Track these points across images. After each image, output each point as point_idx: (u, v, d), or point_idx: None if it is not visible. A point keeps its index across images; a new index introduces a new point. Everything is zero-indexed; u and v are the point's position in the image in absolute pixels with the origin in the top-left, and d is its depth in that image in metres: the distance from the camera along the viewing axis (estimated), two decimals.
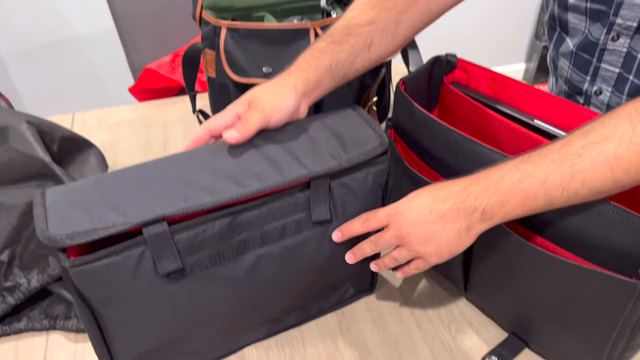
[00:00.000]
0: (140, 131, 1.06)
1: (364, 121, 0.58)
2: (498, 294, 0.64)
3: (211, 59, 0.89)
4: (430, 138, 0.63)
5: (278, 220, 0.53)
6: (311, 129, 0.57)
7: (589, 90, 0.76)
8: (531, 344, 0.64)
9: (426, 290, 0.73)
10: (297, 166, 0.52)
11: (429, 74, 0.72)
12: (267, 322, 0.63)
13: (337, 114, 0.59)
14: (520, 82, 0.67)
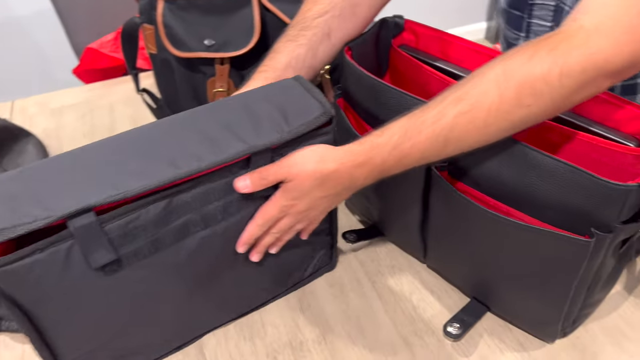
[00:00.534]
0: (85, 115, 1.01)
1: (307, 91, 0.55)
2: (456, 259, 0.62)
3: (150, 34, 0.84)
4: (380, 104, 0.60)
5: (219, 200, 0.50)
6: (251, 102, 0.53)
7: None
8: (492, 308, 0.63)
9: (387, 260, 0.71)
10: (236, 142, 0.49)
11: (376, 38, 0.69)
12: (223, 308, 0.61)
13: (279, 85, 0.56)
14: (470, 41, 0.64)
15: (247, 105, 0.53)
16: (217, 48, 0.79)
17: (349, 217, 0.78)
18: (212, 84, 0.83)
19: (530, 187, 0.50)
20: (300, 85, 0.56)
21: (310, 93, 0.55)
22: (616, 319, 0.63)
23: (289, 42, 0.65)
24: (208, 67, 0.82)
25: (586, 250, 0.48)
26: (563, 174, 0.47)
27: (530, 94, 0.46)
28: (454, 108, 0.48)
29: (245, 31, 0.80)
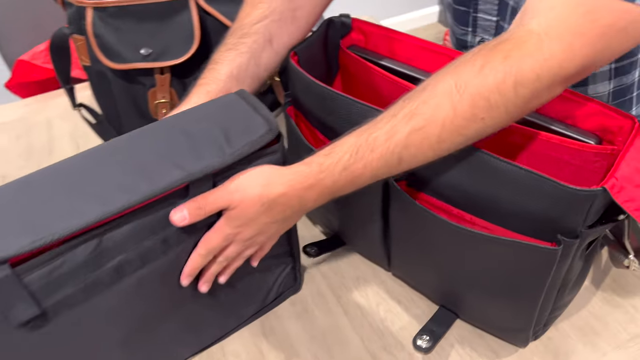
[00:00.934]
0: (21, 134, 0.94)
1: (251, 106, 0.51)
2: (421, 269, 0.60)
3: (82, 46, 0.77)
4: (331, 113, 0.57)
5: (157, 234, 0.46)
6: (189, 123, 0.49)
7: (473, 42, 0.73)
8: (462, 315, 0.61)
9: (351, 271, 0.68)
10: (172, 169, 0.45)
11: (324, 40, 0.65)
12: (175, 348, 0.56)
13: (220, 102, 0.52)
14: (419, 39, 0.61)
15: (185, 126, 0.48)
16: (155, 57, 0.74)
17: (311, 228, 0.74)
18: (154, 95, 0.78)
19: (492, 195, 0.47)
20: (243, 100, 0.51)
21: (254, 109, 0.50)
22: (586, 316, 0.61)
23: (229, 51, 0.60)
24: (147, 78, 0.76)
25: (554, 257, 0.46)
26: (524, 180, 0.45)
27: (484, 106, 0.43)
28: (407, 124, 0.45)
29: (184, 37, 0.75)
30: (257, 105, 0.51)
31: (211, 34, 0.77)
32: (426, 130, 0.45)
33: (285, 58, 0.63)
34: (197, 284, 0.53)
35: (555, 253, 0.46)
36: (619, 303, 0.62)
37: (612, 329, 0.60)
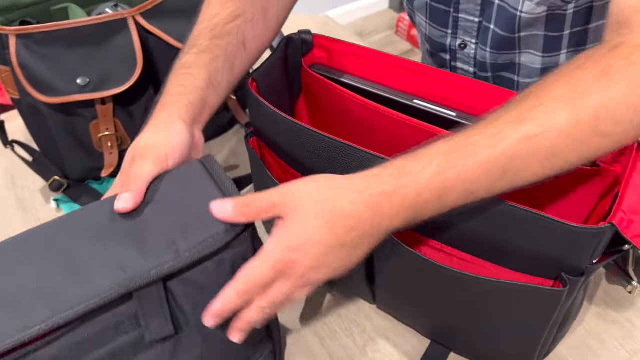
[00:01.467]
0: None
1: (215, 182, 0.43)
2: (410, 309, 0.55)
3: (8, 77, 0.68)
4: (302, 148, 0.51)
5: (100, 349, 0.38)
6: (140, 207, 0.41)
7: (453, 45, 0.67)
8: (456, 350, 0.57)
9: (332, 309, 0.63)
10: (114, 270, 0.37)
11: (284, 60, 0.59)
12: None
13: (182, 176, 0.44)
14: (387, 54, 0.56)
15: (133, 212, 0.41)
16: (94, 87, 0.66)
17: None
18: (96, 128, 0.70)
19: (490, 236, 0.43)
20: (208, 175, 0.43)
21: (219, 185, 0.42)
22: (581, 334, 0.58)
23: (202, 54, 0.52)
24: (87, 109, 0.68)
25: (560, 298, 0.42)
26: (526, 221, 0.40)
27: (609, 119, 0.36)
28: (517, 130, 0.37)
29: (125, 62, 0.67)
30: (224, 182, 0.43)
31: (155, 55, 0.70)
32: (538, 140, 0.36)
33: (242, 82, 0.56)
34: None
35: (562, 294, 0.42)
36: (613, 318, 0.60)
37: (609, 347, 0.57)
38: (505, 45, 0.63)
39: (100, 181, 0.77)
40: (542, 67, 0.64)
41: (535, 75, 0.65)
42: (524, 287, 0.42)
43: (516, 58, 0.63)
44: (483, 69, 0.67)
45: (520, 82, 0.66)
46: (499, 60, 0.64)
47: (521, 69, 0.65)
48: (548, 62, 0.63)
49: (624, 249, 0.42)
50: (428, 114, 0.53)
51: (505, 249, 0.43)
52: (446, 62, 0.70)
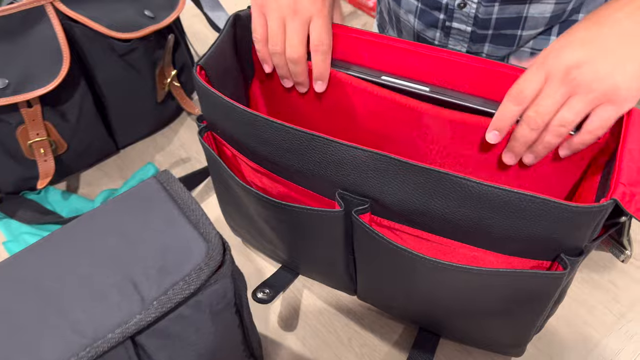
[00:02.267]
0: None
1: (175, 204, 0.37)
2: (394, 301, 0.51)
3: None
4: (262, 141, 0.45)
5: None
6: (92, 241, 0.35)
7: (451, 4, 0.62)
8: (445, 335, 0.54)
9: (311, 305, 0.59)
10: (67, 335, 0.31)
11: (233, 41, 0.52)
12: None
13: (135, 198, 0.37)
14: (349, 27, 0.51)
15: (83, 253, 0.34)
16: (15, 89, 0.57)
17: (251, 260, 0.63)
18: (24, 134, 0.62)
19: (479, 223, 0.39)
20: (165, 193, 0.37)
21: (181, 208, 0.36)
22: (569, 303, 0.57)
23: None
24: (12, 115, 0.60)
25: (560, 280, 0.39)
26: (518, 205, 0.36)
27: None
28: None
29: (49, 57, 0.59)
30: (186, 202, 0.36)
31: (84, 46, 0.62)
32: None
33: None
34: None
35: (563, 276, 0.39)
36: (597, 282, 0.59)
37: (597, 313, 0.56)
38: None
39: (38, 191, 0.69)
40: (551, 15, 0.60)
41: (542, 26, 0.61)
42: (523, 273, 0.39)
43: (525, 10, 0.59)
44: (484, 27, 0.62)
45: (523, 35, 0.62)
46: (505, 13, 0.60)
47: (527, 21, 0.61)
48: (558, 9, 0.60)
49: (621, 221, 0.40)
50: (398, 91, 0.49)
51: (500, 235, 0.39)
52: (438, 22, 0.65)
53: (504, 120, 0.44)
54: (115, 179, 0.73)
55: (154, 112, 0.74)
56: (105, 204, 0.37)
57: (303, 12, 0.48)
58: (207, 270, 0.33)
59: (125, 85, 0.67)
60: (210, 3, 0.80)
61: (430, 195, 0.39)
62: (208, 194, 0.71)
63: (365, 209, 0.43)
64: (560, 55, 0.40)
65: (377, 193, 0.41)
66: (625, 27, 0.39)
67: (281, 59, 0.51)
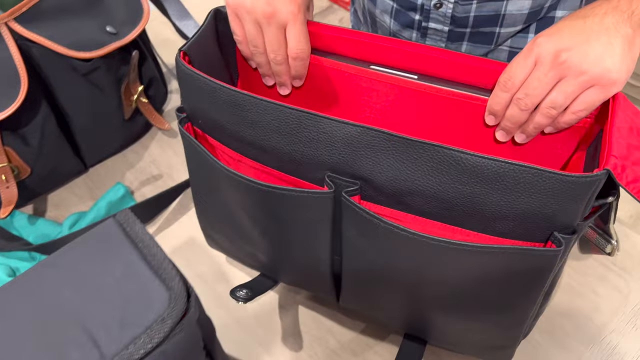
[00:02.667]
0: None
1: (135, 247, 0.35)
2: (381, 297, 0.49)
3: None
4: (249, 123, 0.43)
5: None
6: (47, 293, 0.33)
7: (427, 5, 0.61)
8: (431, 340, 0.52)
9: (289, 325, 0.57)
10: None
11: (215, 34, 0.51)
12: None
13: (94, 242, 0.35)
14: (333, 27, 0.50)
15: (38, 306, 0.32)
16: None
17: (226, 270, 0.62)
18: None
19: (471, 199, 0.38)
20: (124, 235, 0.35)
21: (141, 252, 0.34)
22: (551, 315, 0.57)
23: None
24: None
25: (554, 260, 0.38)
26: (512, 176, 0.36)
27: None
28: None
29: (5, 80, 0.56)
30: (147, 244, 0.34)
31: (43, 67, 0.59)
32: None
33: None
34: None
35: (557, 255, 0.38)
36: (579, 291, 0.58)
37: (579, 324, 0.56)
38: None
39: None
40: (529, 11, 0.59)
41: (520, 23, 0.61)
42: (520, 250, 0.37)
43: (503, 7, 0.59)
44: (462, 25, 0.62)
45: (501, 33, 0.62)
46: (482, 11, 0.60)
47: (505, 18, 0.60)
48: (536, 5, 0.59)
49: (608, 201, 0.39)
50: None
51: (494, 213, 0.38)
52: (414, 23, 0.64)
53: (496, 106, 0.45)
54: (84, 199, 0.71)
55: (122, 129, 0.71)
56: (61, 251, 0.35)
57: (278, 18, 0.47)
58: (170, 321, 0.31)
59: (89, 104, 0.64)
60: (178, 12, 0.78)
61: (423, 171, 0.38)
62: (181, 213, 0.69)
63: (355, 190, 0.41)
64: (550, 41, 0.42)
65: (368, 172, 0.40)
66: (607, 21, 0.41)
67: (263, 58, 0.50)
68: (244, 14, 0.47)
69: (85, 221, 0.66)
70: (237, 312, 0.58)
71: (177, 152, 0.76)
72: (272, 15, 0.46)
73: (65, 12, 0.59)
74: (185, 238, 0.66)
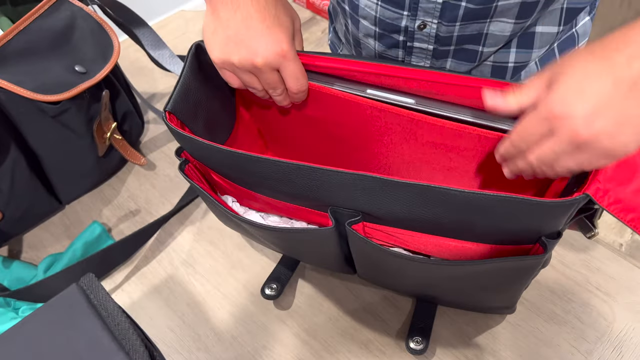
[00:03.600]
0: None
1: (101, 321, 0.33)
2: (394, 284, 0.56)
3: None
4: (249, 173, 0.46)
5: None
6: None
7: (411, 27, 0.61)
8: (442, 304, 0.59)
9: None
10: None
11: (198, 70, 0.51)
12: None
13: (56, 312, 0.34)
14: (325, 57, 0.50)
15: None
16: None
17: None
18: None
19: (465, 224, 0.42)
20: (88, 304, 0.34)
21: (105, 321, 0.33)
22: (535, 344, 0.56)
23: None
24: None
25: (542, 259, 0.42)
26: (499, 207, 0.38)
27: None
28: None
29: None
30: (111, 312, 0.33)
31: (11, 110, 0.58)
32: None
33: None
34: None
35: (544, 257, 0.41)
36: (563, 319, 0.58)
37: (564, 353, 0.55)
38: (476, 16, 0.58)
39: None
40: (511, 33, 0.60)
41: (502, 42, 0.61)
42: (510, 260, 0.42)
43: (485, 27, 0.59)
44: (446, 44, 0.62)
45: (484, 51, 0.62)
46: (466, 31, 0.60)
47: (488, 38, 0.60)
48: (518, 28, 0.59)
49: (594, 207, 0.42)
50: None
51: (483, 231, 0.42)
52: (399, 43, 0.64)
53: (507, 155, 0.42)
54: (60, 238, 0.69)
55: (96, 166, 0.70)
56: (22, 322, 0.34)
57: (268, 65, 0.46)
58: None
59: (61, 145, 0.63)
60: (152, 42, 0.77)
61: (417, 206, 0.41)
62: (159, 249, 0.67)
63: (358, 220, 0.44)
64: (571, 116, 0.35)
65: (367, 208, 0.43)
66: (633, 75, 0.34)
67: (262, 93, 0.50)
68: (234, 69, 0.47)
69: (61, 263, 0.64)
70: (218, 351, 0.57)
71: (155, 185, 0.75)
72: (262, 65, 0.46)
73: (32, 54, 0.58)
74: (164, 275, 0.64)
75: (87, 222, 0.70)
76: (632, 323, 0.57)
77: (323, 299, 0.61)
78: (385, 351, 0.56)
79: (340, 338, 0.57)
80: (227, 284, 0.63)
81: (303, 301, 0.60)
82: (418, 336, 0.55)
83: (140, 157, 0.72)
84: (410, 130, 0.50)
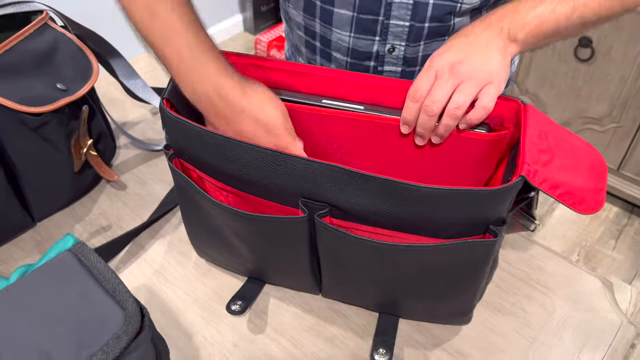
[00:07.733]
0: None
1: (93, 278, 0.37)
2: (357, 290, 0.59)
3: None
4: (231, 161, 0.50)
5: None
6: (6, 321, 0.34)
7: (381, 50, 0.68)
8: (403, 315, 0.61)
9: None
10: None
11: None
12: None
13: (51, 273, 0.37)
14: (287, 62, 0.58)
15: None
16: None
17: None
18: None
19: (421, 216, 0.47)
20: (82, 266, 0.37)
21: (98, 280, 0.36)
22: (486, 333, 0.61)
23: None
24: None
25: (493, 246, 0.48)
26: (444, 198, 0.45)
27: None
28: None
29: None
30: (103, 273, 0.37)
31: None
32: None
33: None
34: None
35: (495, 242, 0.47)
36: (509, 310, 0.63)
37: (511, 340, 0.60)
38: (437, 34, 0.67)
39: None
40: None
41: None
42: (464, 243, 0.47)
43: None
44: (412, 65, 0.70)
45: None
46: (429, 50, 0.68)
47: None
48: None
49: (530, 195, 0.48)
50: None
51: (438, 223, 0.47)
52: (369, 69, 0.71)
53: (408, 116, 0.54)
54: (32, 253, 0.71)
55: (71, 182, 0.73)
56: (20, 281, 0.36)
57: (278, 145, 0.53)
58: (125, 338, 0.33)
59: (38, 157, 0.66)
60: (125, 72, 0.82)
61: (379, 198, 0.46)
62: (131, 261, 0.70)
63: (326, 212, 0.49)
64: (445, 57, 0.54)
65: (334, 199, 0.48)
66: (484, 37, 0.54)
67: None
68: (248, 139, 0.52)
69: None
70: (189, 351, 0.59)
71: (126, 203, 0.78)
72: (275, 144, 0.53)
73: (16, 72, 0.62)
74: (135, 284, 0.67)
75: (58, 237, 0.72)
76: (569, 312, 0.63)
77: (289, 300, 0.64)
78: (349, 344, 0.60)
79: (307, 334, 0.61)
80: (198, 290, 0.66)
81: (271, 302, 0.64)
82: (383, 348, 0.57)
83: (113, 174, 0.75)
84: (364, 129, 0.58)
